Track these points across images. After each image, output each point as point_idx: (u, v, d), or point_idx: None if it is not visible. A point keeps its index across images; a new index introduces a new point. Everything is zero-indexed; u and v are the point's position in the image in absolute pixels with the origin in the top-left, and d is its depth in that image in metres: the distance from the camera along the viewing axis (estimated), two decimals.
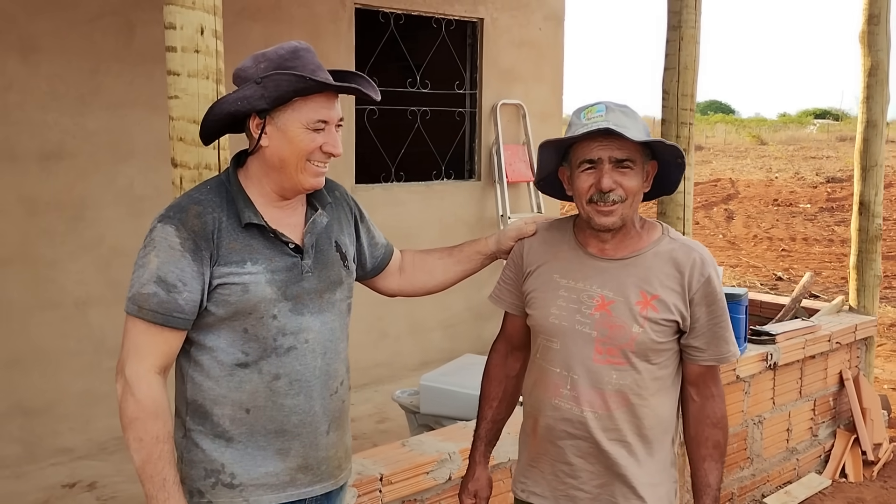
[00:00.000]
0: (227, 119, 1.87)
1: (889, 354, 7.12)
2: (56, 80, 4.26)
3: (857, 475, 4.54)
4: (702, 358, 2.02)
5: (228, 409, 1.83)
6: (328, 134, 1.84)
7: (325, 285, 1.92)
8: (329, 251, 1.95)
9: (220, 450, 1.84)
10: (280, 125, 1.81)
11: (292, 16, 5.16)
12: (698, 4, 3.75)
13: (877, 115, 4.97)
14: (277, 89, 1.77)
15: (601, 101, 1.95)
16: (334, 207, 2.03)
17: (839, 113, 55.86)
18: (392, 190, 5.84)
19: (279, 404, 1.85)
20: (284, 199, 1.89)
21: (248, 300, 1.79)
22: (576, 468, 2.02)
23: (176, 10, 2.19)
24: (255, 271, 1.80)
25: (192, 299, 1.76)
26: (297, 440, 1.88)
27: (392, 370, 5.73)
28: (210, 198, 1.82)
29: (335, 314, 1.96)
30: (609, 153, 1.90)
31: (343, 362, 1.99)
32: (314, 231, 1.92)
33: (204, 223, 1.77)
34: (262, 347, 1.82)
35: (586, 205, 1.95)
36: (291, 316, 1.84)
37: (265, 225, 1.83)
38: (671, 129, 3.80)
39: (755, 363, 4.11)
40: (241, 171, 1.90)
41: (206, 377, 1.83)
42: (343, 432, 2.01)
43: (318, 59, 1.86)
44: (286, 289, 1.84)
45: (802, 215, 16.39)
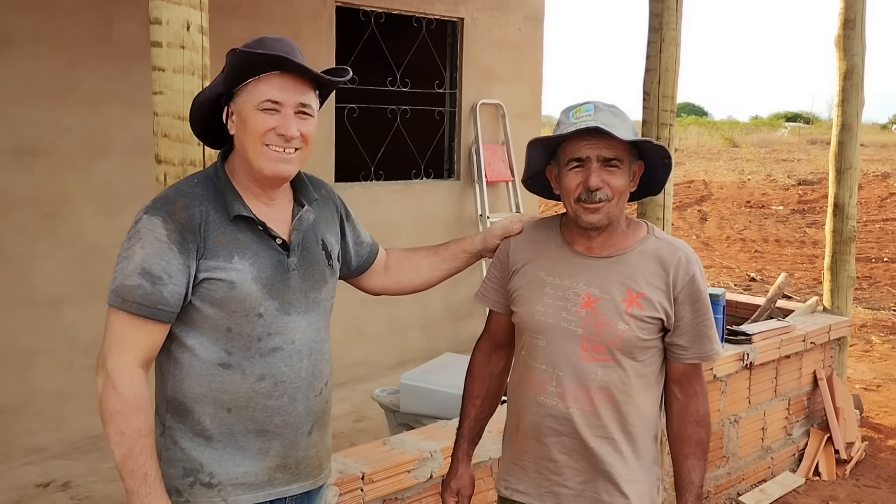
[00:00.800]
0: (203, 110, 1.87)
1: (861, 355, 7.23)
2: (32, 75, 4.20)
3: (831, 473, 4.60)
4: (686, 356, 2.04)
5: (209, 409, 1.80)
6: (282, 116, 1.79)
7: (310, 284, 1.90)
8: (315, 249, 1.93)
9: (199, 449, 1.81)
10: (238, 109, 1.80)
11: (273, 13, 5.13)
12: (679, 7, 3.78)
13: (851, 119, 5.04)
14: (229, 69, 1.78)
15: (590, 101, 1.96)
16: (321, 205, 2.01)
17: (810, 116, 56.54)
18: (371, 188, 5.83)
19: (262, 405, 1.82)
20: (267, 193, 1.87)
21: (234, 297, 1.76)
22: (560, 465, 2.02)
23: (162, 5, 2.17)
24: (242, 267, 1.77)
25: (177, 292, 1.73)
26: (277, 440, 1.86)
27: (370, 369, 5.71)
28: (197, 191, 1.80)
29: (320, 314, 1.94)
30: (597, 152, 1.91)
31: (328, 363, 1.98)
32: (301, 228, 1.90)
33: (191, 215, 1.75)
34: (246, 347, 1.79)
35: (574, 203, 1.96)
36: (278, 315, 1.82)
37: (254, 217, 1.80)
38: (652, 130, 3.82)
39: (732, 363, 4.16)
40: (227, 165, 1.88)
41: (186, 375, 1.80)
42: (325, 432, 2.00)
43: (291, 50, 1.81)
44: (272, 287, 1.81)
45: (775, 217, 16.58)
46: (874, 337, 7.82)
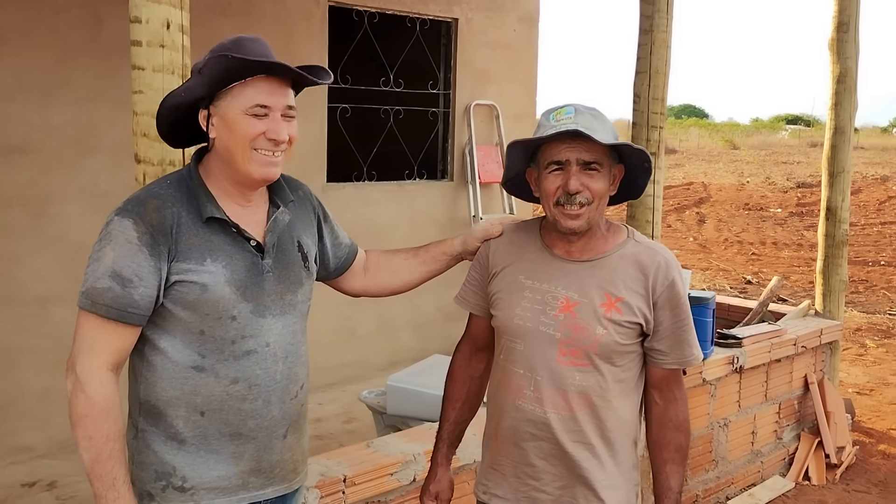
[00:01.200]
0: (177, 113, 1.83)
1: (854, 358, 7.22)
2: (21, 73, 4.18)
3: (820, 478, 4.59)
4: (665, 361, 2.02)
5: (182, 412, 1.78)
6: (271, 121, 1.78)
7: (286, 286, 1.88)
8: (290, 251, 1.92)
9: (172, 452, 1.79)
10: (222, 113, 1.77)
11: (264, 12, 5.11)
12: (670, 9, 3.77)
13: (845, 122, 5.03)
14: (211, 74, 1.74)
15: (570, 104, 1.96)
16: (297, 206, 2.00)
17: (811, 119, 56.62)
18: (364, 189, 5.81)
19: (236, 408, 1.80)
20: (243, 195, 1.85)
21: (207, 300, 1.75)
22: (538, 470, 2.01)
23: (142, 3, 2.15)
24: (214, 269, 1.75)
25: (148, 295, 1.71)
26: (251, 444, 1.84)
27: (360, 370, 5.69)
28: (170, 192, 1.78)
29: (296, 316, 1.92)
30: (577, 155, 1.90)
31: (304, 366, 1.96)
32: (276, 229, 1.88)
33: (163, 217, 1.73)
34: (220, 350, 1.78)
35: (553, 207, 1.95)
36: (252, 318, 1.80)
37: (227, 219, 1.79)
38: (642, 132, 3.81)
39: (721, 366, 4.14)
40: (201, 167, 1.86)
41: (159, 378, 1.78)
42: (301, 435, 1.98)
43: (267, 50, 1.80)
44: (246, 289, 1.80)
45: (773, 220, 16.57)
46: (868, 341, 7.81)
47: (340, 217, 6.28)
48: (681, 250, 13.13)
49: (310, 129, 5.43)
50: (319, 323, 5.57)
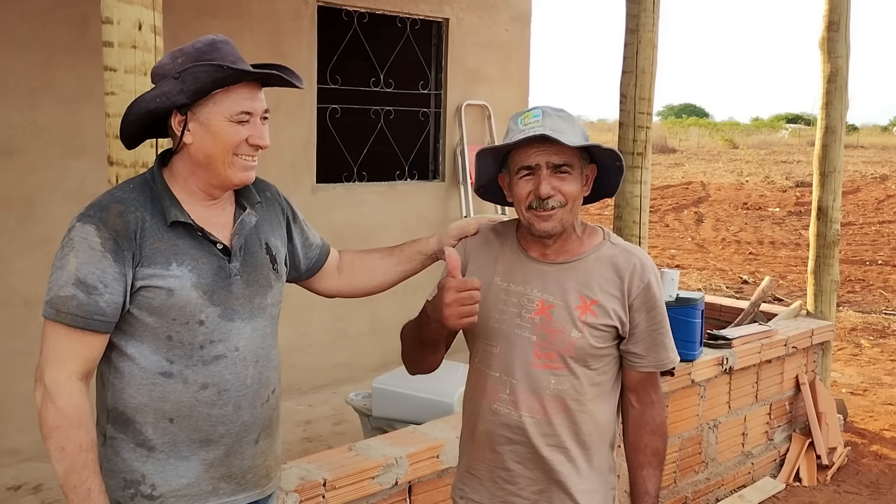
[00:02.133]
0: (148, 118, 1.79)
1: (849, 358, 7.19)
2: (6, 74, 4.17)
3: (812, 479, 4.57)
4: (641, 364, 2.01)
5: (151, 418, 1.76)
6: (253, 126, 1.78)
7: (255, 289, 1.86)
8: (258, 253, 1.89)
9: (141, 459, 1.77)
10: (202, 120, 1.74)
11: (252, 13, 5.09)
12: (656, 8, 3.76)
13: (835, 122, 5.01)
14: (196, 82, 1.70)
15: (538, 106, 1.94)
16: (265, 207, 1.97)
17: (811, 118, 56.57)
18: (354, 190, 5.79)
19: (205, 414, 1.78)
20: (212, 197, 1.83)
21: (173, 304, 1.72)
22: (514, 474, 2.00)
23: (113, 4, 2.15)
24: (180, 274, 1.73)
25: (114, 301, 1.69)
26: (221, 449, 1.82)
27: (351, 371, 5.68)
28: (133, 196, 1.75)
29: (266, 320, 1.89)
30: (546, 158, 1.88)
31: (275, 370, 1.94)
32: (242, 231, 1.86)
33: (126, 222, 1.71)
34: (188, 355, 1.75)
35: (526, 211, 1.93)
36: (220, 322, 1.78)
37: (192, 223, 1.76)
38: (628, 132, 3.80)
39: (711, 367, 4.12)
40: (165, 170, 1.83)
41: (126, 385, 1.76)
42: (273, 440, 1.96)
43: (238, 52, 1.79)
44: (213, 293, 1.77)
45: (771, 219, 16.55)
46: (864, 341, 7.79)
47: (330, 218, 6.31)
48: (678, 250, 13.11)
49: (299, 130, 5.42)
50: (310, 324, 5.62)
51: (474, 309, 1.80)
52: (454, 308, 1.79)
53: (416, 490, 2.92)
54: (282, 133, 5.31)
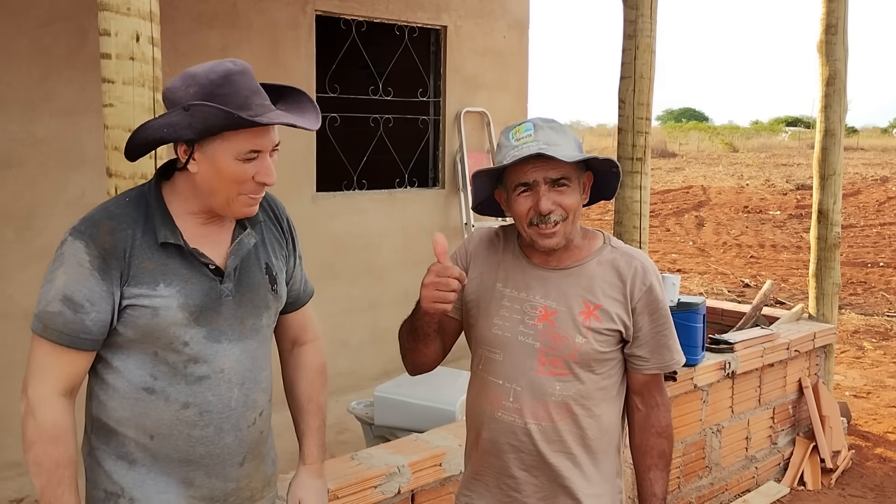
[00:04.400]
0: (153, 145, 1.77)
1: (851, 361, 7.18)
2: (4, 86, 4.17)
3: (816, 483, 4.55)
4: (646, 367, 2.01)
5: (132, 433, 1.74)
6: (261, 163, 1.72)
7: (248, 310, 1.82)
8: (255, 274, 1.85)
9: (122, 472, 1.75)
10: (209, 155, 1.69)
11: (251, 22, 5.10)
12: (654, 14, 3.76)
13: (835, 125, 5.01)
14: (205, 122, 1.65)
15: (529, 120, 1.94)
16: (267, 226, 1.92)
17: (810, 121, 56.61)
18: (354, 198, 5.79)
19: (185, 434, 1.75)
20: (212, 216, 1.79)
21: (158, 324, 1.69)
22: (519, 481, 2.00)
23: (111, 16, 2.15)
24: (168, 294, 1.70)
25: (101, 320, 1.67)
26: (202, 470, 1.78)
27: (354, 380, 5.66)
28: (127, 212, 1.72)
29: (258, 341, 1.85)
30: (543, 174, 1.87)
31: (264, 392, 1.88)
32: (239, 252, 1.81)
33: (116, 240, 1.68)
34: (172, 374, 1.73)
35: (528, 228, 1.93)
36: (206, 343, 1.74)
37: (183, 245, 1.73)
38: (627, 137, 3.80)
39: (713, 372, 4.11)
40: (166, 184, 1.79)
41: (110, 397, 1.74)
42: (261, 462, 1.92)
43: (254, 81, 1.72)
44: (200, 314, 1.73)
45: (772, 222, 16.54)
46: (866, 343, 7.77)
47: (330, 226, 6.32)
48: (679, 254, 13.10)
49: (299, 139, 5.41)
50: None
51: (448, 297, 1.80)
52: (430, 290, 1.81)
53: (419, 499, 2.91)
54: (281, 142, 5.31)
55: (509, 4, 6.61)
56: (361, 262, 5.80)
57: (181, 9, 4.72)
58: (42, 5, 4.29)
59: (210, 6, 4.91)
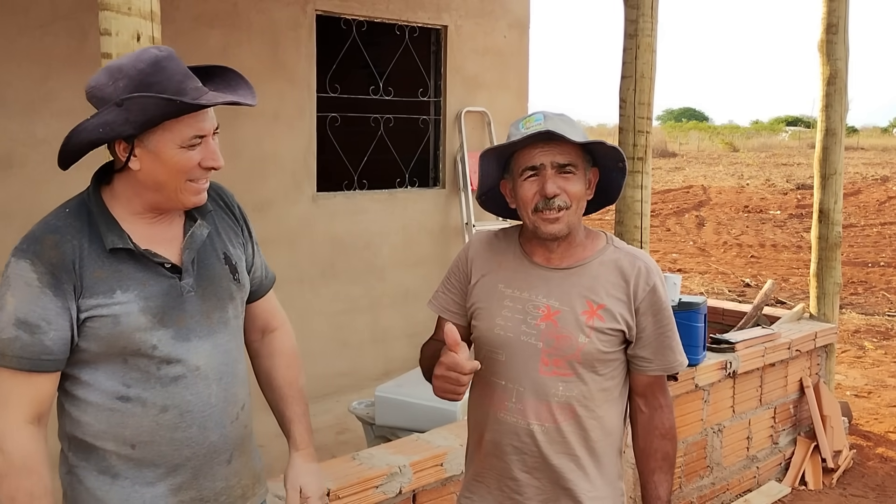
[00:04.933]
0: (89, 148, 1.69)
1: (853, 361, 7.17)
2: (5, 86, 4.17)
3: (817, 483, 4.55)
4: (649, 368, 2.00)
5: (111, 445, 1.68)
6: (206, 147, 1.67)
7: (213, 304, 1.76)
8: (215, 265, 1.79)
9: (106, 487, 1.69)
10: (151, 148, 1.63)
11: (251, 22, 5.10)
12: (655, 13, 3.76)
13: (835, 124, 5.00)
14: (144, 114, 1.58)
15: (539, 111, 1.94)
16: (220, 215, 1.86)
17: (810, 120, 56.61)
18: (354, 198, 5.79)
19: (168, 438, 1.69)
20: (158, 214, 1.73)
21: (121, 332, 1.63)
22: (521, 483, 1.99)
23: (111, 15, 2.14)
24: (126, 300, 1.64)
25: (61, 338, 1.61)
26: (189, 473, 1.73)
27: (354, 380, 5.66)
28: (69, 223, 1.66)
29: (229, 334, 1.79)
30: (551, 158, 1.88)
31: (243, 385, 1.83)
32: (193, 245, 1.75)
33: (62, 253, 1.61)
34: (145, 378, 1.66)
35: (532, 214, 1.92)
36: (175, 343, 1.68)
37: (133, 247, 1.66)
38: (628, 137, 3.79)
39: (714, 371, 4.10)
40: (106, 188, 1.72)
41: (83, 413, 1.67)
42: (248, 458, 1.87)
43: (183, 65, 1.65)
44: (164, 315, 1.67)
45: (772, 222, 16.53)
46: (867, 343, 7.76)
47: (331, 226, 6.29)
48: (680, 254, 13.09)
49: (299, 139, 5.42)
50: (312, 333, 5.60)
51: (458, 391, 1.80)
52: (441, 382, 1.81)
53: (421, 499, 2.91)
54: (282, 142, 5.31)
55: (510, 4, 6.60)
56: (362, 262, 5.79)
57: (182, 8, 4.71)
58: (42, 5, 4.29)
59: (211, 6, 4.91)
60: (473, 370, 1.78)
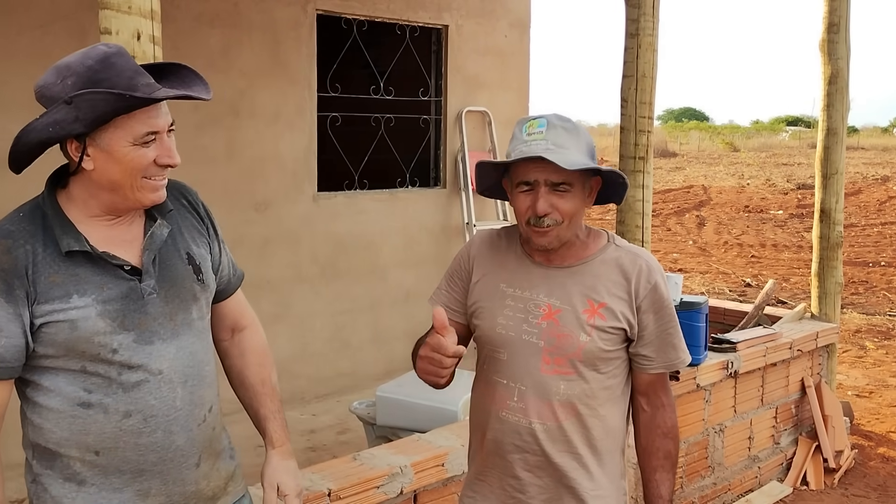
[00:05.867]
0: (39, 148, 1.65)
1: (854, 360, 7.16)
2: (5, 86, 4.16)
3: (819, 483, 4.54)
4: (651, 366, 2.00)
5: (75, 452, 1.65)
6: (160, 145, 1.63)
7: (176, 305, 1.72)
8: (177, 265, 1.75)
9: (72, 495, 1.66)
10: (104, 146, 1.59)
11: (251, 22, 5.09)
12: (656, 12, 3.75)
13: (837, 123, 4.99)
14: (94, 111, 1.55)
15: (544, 115, 1.91)
16: (182, 214, 1.82)
17: (811, 120, 56.58)
18: (355, 198, 5.78)
19: (133, 444, 1.66)
20: (116, 215, 1.69)
21: (79, 337, 1.60)
22: (524, 483, 1.98)
23: (111, 14, 2.14)
24: (83, 304, 1.60)
25: (14, 345, 1.58)
26: (157, 478, 1.70)
27: (355, 380, 5.66)
28: (22, 227, 1.63)
29: (194, 335, 1.75)
30: (545, 176, 1.86)
31: (210, 386, 1.80)
32: (153, 246, 1.71)
33: (15, 259, 1.58)
34: (107, 384, 1.63)
35: (525, 226, 1.93)
36: (137, 347, 1.65)
37: (90, 250, 1.62)
38: (630, 136, 3.79)
39: (715, 371, 4.10)
40: (61, 192, 1.69)
41: (45, 420, 1.65)
42: (217, 459, 1.84)
43: (133, 62, 1.63)
44: (124, 318, 1.64)
45: (773, 221, 16.53)
46: (868, 342, 7.76)
47: (332, 226, 6.27)
48: (680, 254, 13.09)
49: (300, 139, 5.41)
50: (312, 333, 5.60)
51: (441, 373, 1.80)
52: (424, 363, 1.82)
53: (422, 499, 2.90)
54: (282, 142, 5.31)
55: (510, 3, 6.60)
56: (363, 262, 5.79)
57: (182, 8, 4.71)
58: (42, 4, 4.29)
59: (211, 5, 4.90)
60: (457, 354, 1.76)
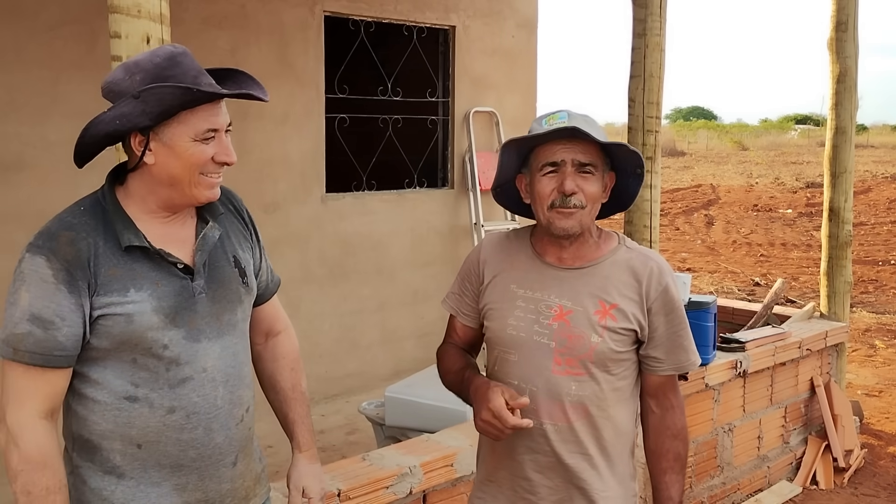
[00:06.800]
0: (106, 141, 1.70)
1: (863, 360, 7.14)
2: (15, 90, 4.20)
3: (828, 482, 4.53)
4: (661, 368, 2.00)
5: (118, 444, 1.68)
6: (219, 143, 1.69)
7: (223, 306, 1.77)
8: (225, 268, 1.80)
9: (111, 487, 1.69)
10: (166, 140, 1.65)
11: (259, 23, 5.11)
12: (663, 12, 3.76)
13: (845, 122, 4.98)
14: (160, 104, 1.60)
15: (563, 109, 1.93)
16: (229, 218, 1.88)
17: (820, 118, 56.34)
18: (363, 199, 5.80)
19: (174, 439, 1.70)
20: (172, 213, 1.74)
21: (133, 331, 1.64)
22: (534, 484, 1.98)
23: (121, 18, 2.15)
24: (140, 299, 1.65)
25: (74, 334, 1.62)
26: (195, 474, 1.74)
27: (364, 380, 5.67)
28: (84, 220, 1.67)
29: (237, 336, 1.81)
30: (573, 156, 1.88)
31: (248, 387, 1.85)
32: (205, 247, 1.76)
33: (78, 250, 1.62)
34: (154, 379, 1.68)
35: (547, 210, 1.92)
36: (186, 344, 1.70)
37: (148, 246, 1.68)
38: (637, 136, 3.80)
39: (724, 371, 4.10)
40: (119, 188, 1.74)
41: (90, 411, 1.68)
42: (250, 460, 1.88)
43: (197, 63, 1.69)
44: (176, 315, 1.68)
45: (781, 220, 16.47)
46: (878, 341, 7.73)
47: (340, 227, 6.30)
48: (689, 253, 13.06)
49: (308, 140, 5.43)
50: (321, 334, 5.62)
51: (499, 437, 1.86)
52: (482, 424, 1.87)
53: (431, 499, 2.91)
54: (290, 143, 5.33)
55: (518, 4, 6.60)
56: (371, 262, 5.80)
57: (191, 10, 4.73)
58: (52, 9, 4.32)
59: (219, 8, 4.93)
60: (516, 427, 1.82)
